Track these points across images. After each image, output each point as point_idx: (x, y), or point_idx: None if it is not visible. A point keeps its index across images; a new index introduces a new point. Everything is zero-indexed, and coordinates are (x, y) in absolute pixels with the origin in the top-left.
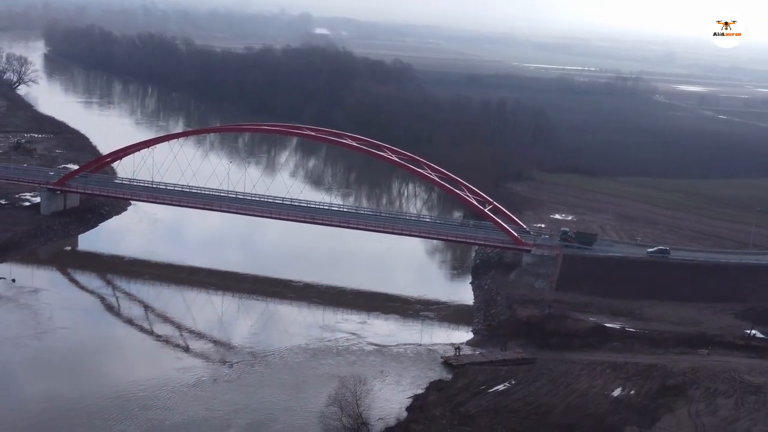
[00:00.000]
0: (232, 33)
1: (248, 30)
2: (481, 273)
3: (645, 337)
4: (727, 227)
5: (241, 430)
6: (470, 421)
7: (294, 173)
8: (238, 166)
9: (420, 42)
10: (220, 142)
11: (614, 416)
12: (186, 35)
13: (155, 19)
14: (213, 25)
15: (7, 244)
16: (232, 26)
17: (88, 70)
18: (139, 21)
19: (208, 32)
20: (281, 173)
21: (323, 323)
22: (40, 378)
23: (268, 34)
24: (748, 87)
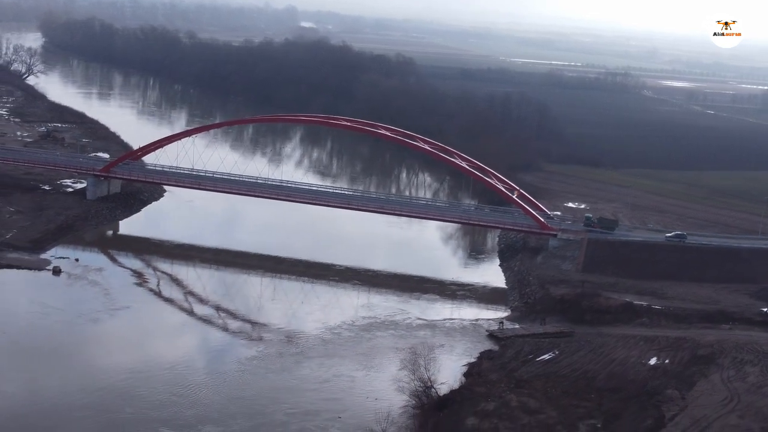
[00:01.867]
0: (221, 25)
1: (236, 23)
2: (509, 256)
3: (670, 313)
4: (732, 216)
5: (336, 393)
6: (525, 385)
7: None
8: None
9: (406, 36)
10: (223, 134)
11: (654, 381)
12: (176, 27)
13: (143, 11)
14: (201, 18)
15: (62, 227)
16: (220, 19)
17: (88, 61)
18: (127, 13)
19: (196, 24)
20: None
21: (367, 302)
22: (121, 353)
23: (256, 26)
24: (732, 83)
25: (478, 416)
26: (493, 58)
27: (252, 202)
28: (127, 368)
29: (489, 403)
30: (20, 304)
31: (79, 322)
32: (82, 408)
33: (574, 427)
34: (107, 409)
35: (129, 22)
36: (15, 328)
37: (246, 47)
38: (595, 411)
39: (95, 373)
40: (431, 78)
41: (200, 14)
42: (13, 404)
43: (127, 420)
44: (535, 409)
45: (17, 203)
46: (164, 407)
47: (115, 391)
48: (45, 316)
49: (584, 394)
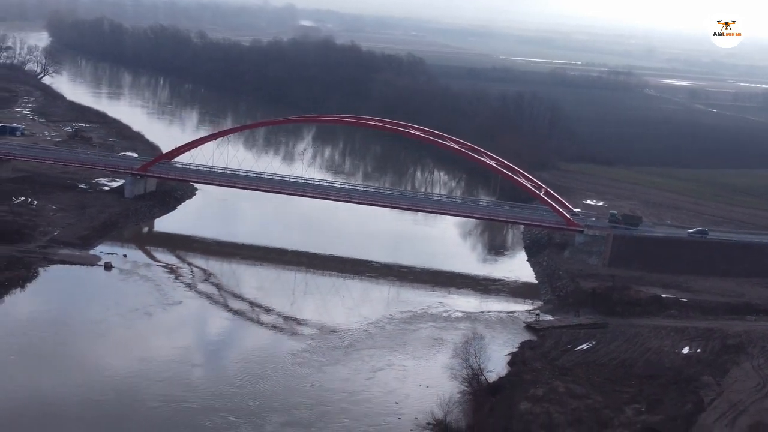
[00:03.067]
0: (222, 24)
1: (237, 21)
2: (535, 252)
3: (697, 305)
4: (745, 212)
5: (389, 382)
6: (569, 372)
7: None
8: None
9: (407, 35)
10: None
11: (690, 368)
12: (179, 26)
13: (144, 9)
14: (202, 16)
15: (106, 224)
16: (221, 17)
17: (96, 61)
18: (129, 11)
19: (198, 23)
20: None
21: (403, 297)
22: (177, 347)
23: (257, 25)
24: (731, 81)
25: (530, 401)
26: (495, 57)
27: (282, 199)
28: (186, 360)
29: (538, 389)
30: (80, 298)
31: (136, 316)
32: (152, 398)
33: (620, 411)
34: (175, 399)
35: (131, 20)
36: (80, 321)
37: (256, 47)
38: (637, 396)
39: (158, 365)
40: (440, 77)
41: (202, 13)
42: (88, 392)
43: (195, 410)
44: (582, 395)
45: (59, 201)
46: (227, 398)
47: (177, 382)
48: (105, 309)
49: (625, 381)
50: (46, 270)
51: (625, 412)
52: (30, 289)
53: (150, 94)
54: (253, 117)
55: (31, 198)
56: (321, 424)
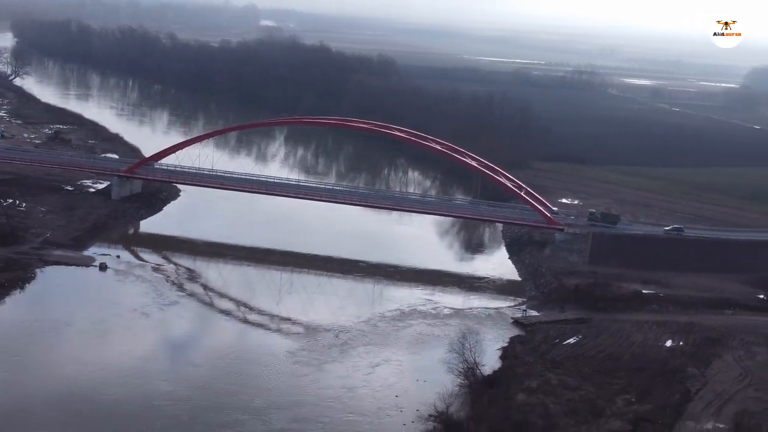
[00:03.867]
0: (184, 24)
1: (199, 21)
2: (517, 250)
3: (676, 301)
4: (713, 209)
5: (388, 377)
6: (559, 365)
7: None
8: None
9: (369, 34)
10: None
11: (675, 360)
12: (142, 26)
13: (107, 10)
14: (164, 16)
15: (96, 226)
16: (183, 17)
17: (64, 62)
18: (90, 11)
19: (161, 23)
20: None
21: (392, 295)
22: (176, 346)
23: (220, 25)
24: (692, 80)
25: (525, 392)
26: (460, 57)
27: (266, 199)
28: (187, 360)
29: (532, 382)
30: (79, 298)
31: (135, 317)
32: (157, 396)
33: (612, 401)
34: (180, 397)
35: (93, 21)
36: (83, 319)
37: (225, 47)
38: (627, 387)
39: (160, 364)
40: (411, 77)
41: (163, 13)
42: (94, 391)
43: (201, 408)
44: (574, 386)
45: (46, 203)
46: (231, 396)
47: (181, 381)
48: (105, 309)
49: (614, 373)
50: (43, 271)
51: (617, 403)
52: (29, 290)
53: (121, 96)
54: (225, 118)
55: (19, 200)
56: (326, 420)
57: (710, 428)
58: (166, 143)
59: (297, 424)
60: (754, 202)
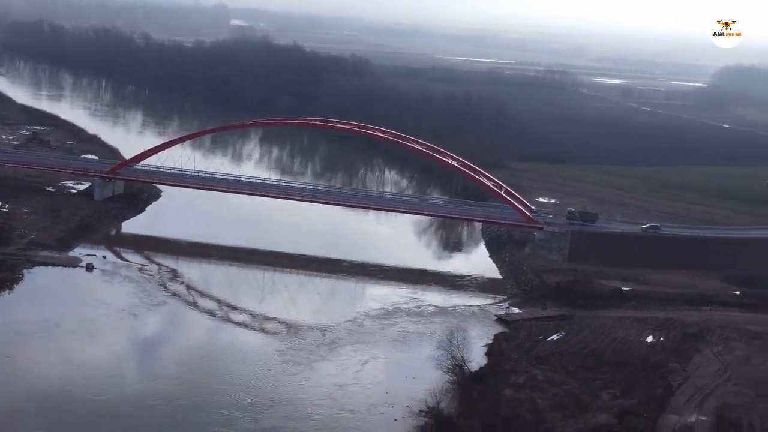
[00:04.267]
0: (156, 24)
1: (170, 21)
2: (496, 248)
3: (655, 297)
4: (685, 208)
5: (377, 374)
6: (544, 361)
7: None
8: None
9: (339, 34)
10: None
11: (656, 356)
12: (112, 26)
13: (77, 10)
14: (135, 16)
15: (80, 227)
16: (154, 17)
17: (36, 62)
18: (61, 11)
19: (131, 23)
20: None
21: (376, 294)
22: (165, 346)
23: (190, 25)
24: (662, 80)
25: (513, 388)
26: (431, 56)
27: (247, 199)
28: (175, 360)
29: (519, 377)
30: (68, 299)
31: (123, 317)
32: (150, 395)
33: (597, 396)
34: (171, 396)
35: (63, 20)
36: (72, 320)
37: (199, 48)
38: (610, 382)
39: (150, 364)
40: (385, 77)
41: (134, 13)
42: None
43: (191, 406)
44: (560, 382)
45: (29, 205)
46: (222, 394)
47: (171, 380)
48: (95, 310)
49: (598, 368)
50: (30, 272)
51: (602, 397)
52: (18, 290)
53: (95, 96)
54: (200, 119)
55: (2, 202)
56: (318, 417)
57: (693, 421)
58: (144, 144)
59: (289, 421)
60: (725, 201)
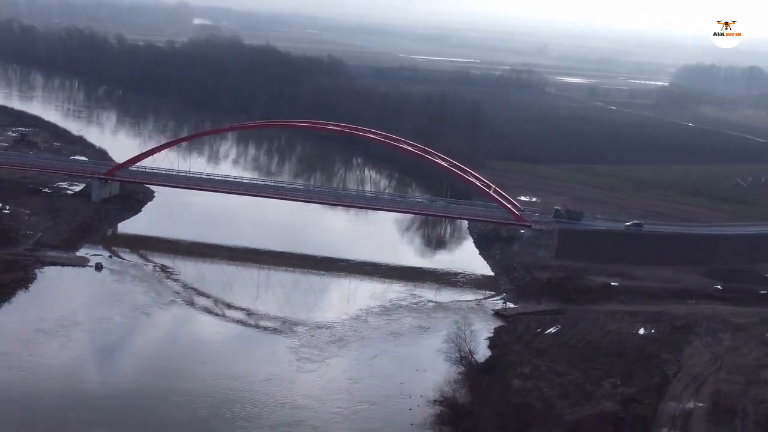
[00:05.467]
0: (120, 22)
1: (134, 20)
2: (486, 246)
3: (642, 292)
4: (662, 205)
5: (388, 367)
6: (545, 353)
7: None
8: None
9: (302, 33)
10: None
11: (649, 347)
12: (77, 25)
13: (38, 8)
14: (99, 14)
15: (83, 227)
16: (118, 15)
17: (7, 62)
18: (22, 9)
19: (96, 22)
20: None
21: (375, 292)
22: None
23: (153, 23)
24: (623, 78)
25: (520, 378)
26: (396, 56)
27: (239, 199)
28: (193, 359)
29: (524, 368)
30: (81, 298)
31: (136, 315)
32: (174, 393)
33: (599, 385)
34: (194, 393)
35: (25, 20)
36: (89, 318)
37: (172, 48)
38: (610, 372)
39: (167, 362)
40: (357, 78)
41: (98, 11)
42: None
43: (219, 403)
44: (563, 372)
45: (29, 206)
46: (246, 391)
47: (193, 377)
48: (106, 308)
49: (596, 359)
50: (42, 272)
51: (604, 386)
52: (33, 290)
53: (70, 97)
54: (180, 120)
55: (2, 203)
56: (338, 410)
57: (691, 407)
58: (129, 145)
59: (311, 414)
60: (699, 198)
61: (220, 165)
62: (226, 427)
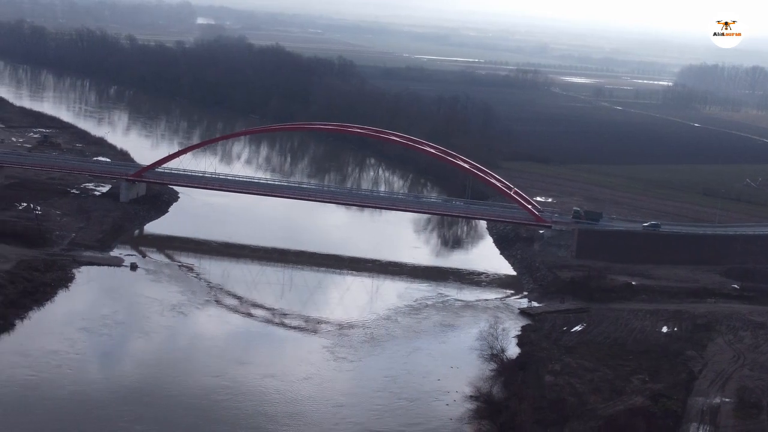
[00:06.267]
0: (123, 22)
1: (137, 19)
2: (506, 246)
3: (662, 291)
4: (675, 206)
5: (424, 364)
6: (573, 350)
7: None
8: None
9: (305, 32)
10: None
11: (673, 344)
12: (81, 24)
13: (41, 8)
14: (102, 14)
15: (114, 228)
16: (120, 15)
17: (17, 63)
18: (26, 8)
19: (101, 22)
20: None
21: (403, 291)
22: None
23: (157, 23)
24: (626, 78)
25: (552, 374)
26: (399, 55)
27: (264, 200)
28: (230, 358)
29: (555, 365)
30: (121, 297)
31: (174, 315)
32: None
33: (629, 381)
34: (236, 391)
35: (29, 18)
36: (130, 317)
37: (183, 49)
38: (638, 368)
39: (213, 361)
40: (367, 79)
41: (101, 11)
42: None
43: (264, 400)
44: (592, 368)
45: (59, 206)
46: (289, 390)
47: (234, 377)
48: (147, 307)
49: (623, 356)
50: (80, 271)
51: (633, 382)
52: (73, 289)
53: (84, 98)
54: (189, 119)
55: (32, 204)
56: (379, 407)
57: (718, 402)
58: (148, 146)
59: (353, 410)
60: (709, 198)
61: (235, 165)
62: (273, 424)
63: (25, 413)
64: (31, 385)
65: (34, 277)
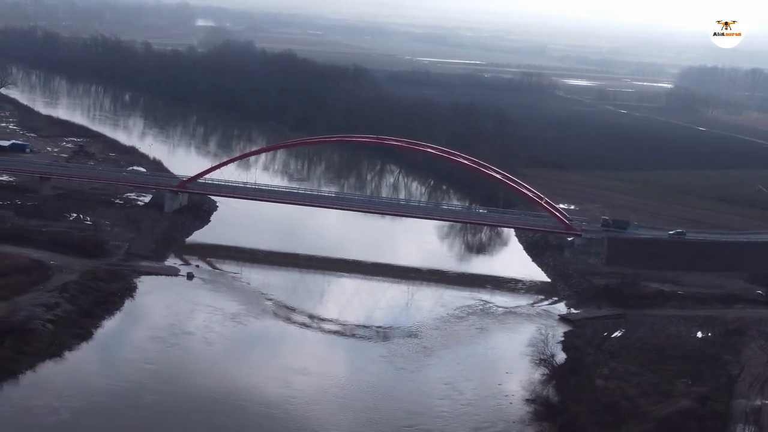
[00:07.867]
0: (124, 24)
1: (137, 21)
2: (538, 253)
3: (692, 297)
4: (695, 212)
5: (478, 370)
6: (617, 355)
7: None
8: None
9: (305, 33)
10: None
11: (710, 349)
12: (83, 27)
13: (44, 9)
14: (102, 17)
15: (165, 238)
16: (121, 17)
17: (29, 69)
18: (29, 10)
19: (102, 24)
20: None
21: (445, 299)
22: (280, 353)
23: (157, 24)
24: (626, 80)
25: (602, 378)
26: (401, 57)
27: (304, 210)
28: (293, 368)
29: (603, 369)
30: (182, 306)
31: (235, 324)
32: (286, 401)
33: (673, 384)
34: (307, 401)
35: (33, 23)
36: (195, 326)
37: (197, 55)
38: (680, 373)
39: (279, 371)
40: (379, 84)
41: (101, 13)
42: (236, 397)
43: (332, 410)
44: (637, 373)
45: (107, 217)
46: (356, 401)
47: (299, 387)
48: (209, 316)
49: (663, 361)
50: (141, 281)
51: (678, 386)
52: (138, 299)
53: (102, 105)
54: (206, 125)
55: (82, 215)
56: (445, 414)
57: (759, 404)
58: (179, 154)
59: (421, 418)
60: (726, 204)
61: (265, 174)
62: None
63: (113, 418)
64: (115, 394)
65: (100, 287)
